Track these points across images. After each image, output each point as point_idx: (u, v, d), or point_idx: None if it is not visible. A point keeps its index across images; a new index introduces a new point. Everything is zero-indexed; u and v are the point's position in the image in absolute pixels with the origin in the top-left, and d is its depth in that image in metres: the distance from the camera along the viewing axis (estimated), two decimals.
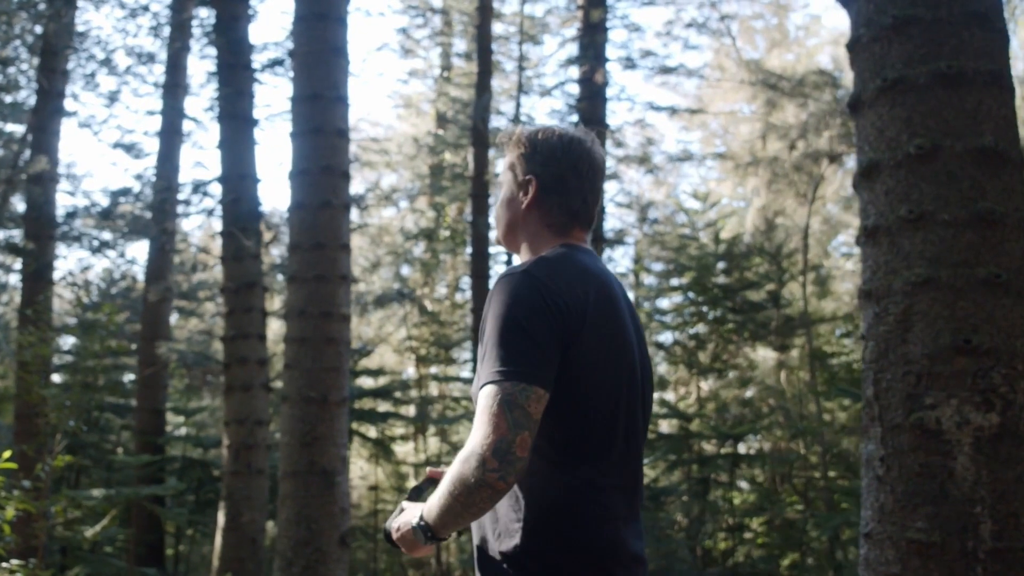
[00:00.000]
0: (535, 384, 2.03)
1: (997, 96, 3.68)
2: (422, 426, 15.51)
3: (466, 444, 2.05)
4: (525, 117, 16.14)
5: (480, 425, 2.02)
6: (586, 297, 2.15)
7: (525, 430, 2.00)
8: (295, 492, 7.25)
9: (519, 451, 1.98)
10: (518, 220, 2.39)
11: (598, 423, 2.16)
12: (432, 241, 16.91)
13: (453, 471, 2.05)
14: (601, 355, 2.17)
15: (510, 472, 1.97)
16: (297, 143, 7.74)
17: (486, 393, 2.04)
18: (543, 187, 2.35)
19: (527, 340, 2.06)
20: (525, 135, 2.40)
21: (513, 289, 2.12)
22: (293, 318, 7.54)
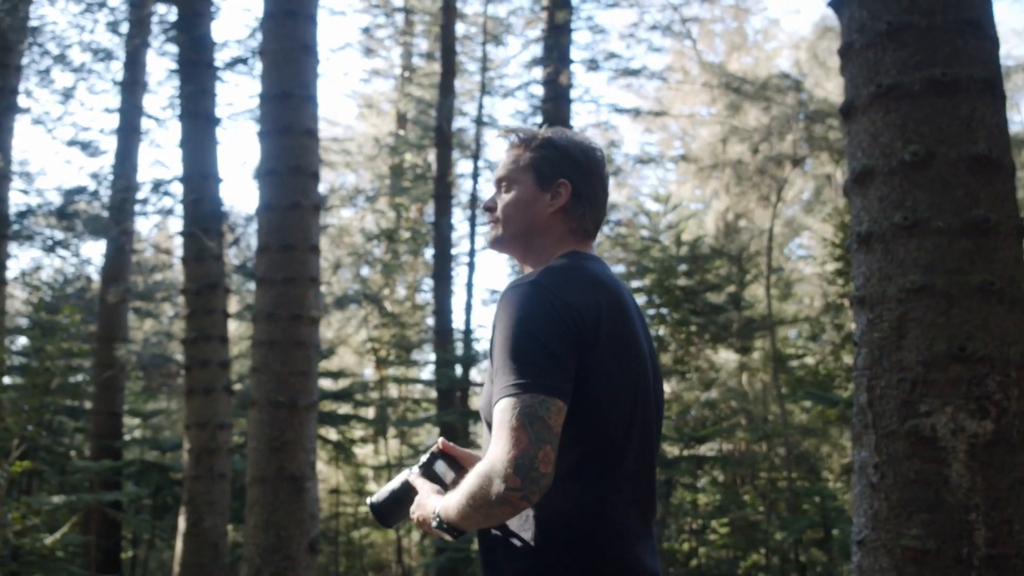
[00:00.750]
0: (554, 396, 1.96)
1: (990, 104, 3.68)
2: (382, 428, 15.38)
3: (485, 458, 1.97)
4: (487, 118, 16.07)
5: (499, 440, 1.94)
6: (599, 307, 2.09)
7: (547, 444, 1.93)
8: (263, 498, 7.12)
9: (542, 466, 1.91)
10: (540, 223, 2.29)
11: (612, 436, 2.10)
12: (393, 242, 16.78)
13: (472, 484, 1.98)
14: (615, 366, 2.10)
15: (534, 491, 1.91)
16: (266, 143, 7.61)
17: (503, 407, 1.96)
18: (577, 193, 2.28)
19: (543, 351, 1.99)
20: (553, 136, 2.33)
21: (524, 300, 2.05)
22: (261, 321, 7.41)
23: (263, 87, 7.71)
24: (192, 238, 10.18)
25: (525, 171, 2.31)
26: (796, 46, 17.65)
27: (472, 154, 15.92)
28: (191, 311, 10.19)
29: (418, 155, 17.15)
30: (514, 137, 2.36)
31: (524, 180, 2.31)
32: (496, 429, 1.96)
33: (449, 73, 14.42)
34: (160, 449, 13.30)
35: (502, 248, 2.37)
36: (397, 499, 2.37)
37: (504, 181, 2.35)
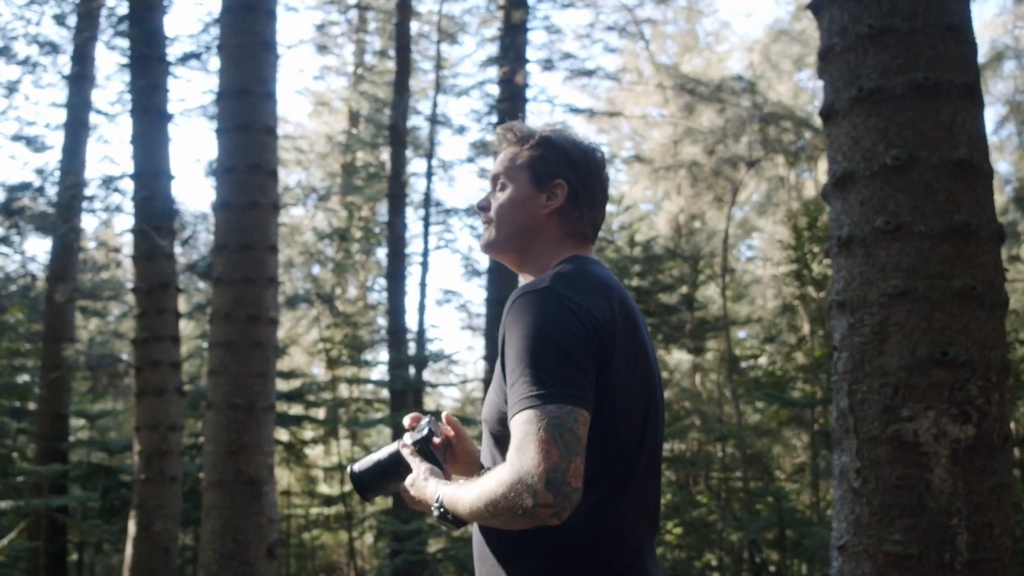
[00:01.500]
0: (580, 407, 1.86)
1: (970, 109, 3.69)
2: (333, 429, 15.21)
3: (506, 467, 1.84)
4: (442, 117, 15.98)
5: (526, 451, 1.81)
6: (612, 314, 2.00)
7: (577, 456, 1.82)
8: (221, 502, 6.97)
9: (574, 480, 1.80)
10: (535, 225, 2.20)
11: (626, 448, 2.01)
12: (345, 241, 16.62)
13: (494, 491, 1.85)
14: (628, 375, 2.02)
15: (566, 507, 1.80)
16: (223, 139, 7.46)
17: (527, 418, 1.84)
18: (573, 194, 2.19)
19: (566, 359, 1.89)
20: (551, 135, 2.23)
21: (540, 307, 1.94)
22: (219, 321, 7.26)
23: (221, 83, 7.55)
24: (143, 236, 9.96)
25: (521, 170, 2.22)
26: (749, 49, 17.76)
27: (426, 153, 15.79)
28: (142, 310, 9.97)
29: (371, 154, 17.00)
30: (511, 134, 2.27)
31: (519, 179, 2.22)
32: (521, 440, 1.84)
33: (404, 71, 14.29)
34: (108, 451, 13.02)
35: (496, 252, 2.27)
36: (383, 471, 2.25)
37: (499, 179, 2.26)
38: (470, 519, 1.96)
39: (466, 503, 1.93)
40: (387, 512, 13.30)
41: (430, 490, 2.07)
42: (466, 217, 16.06)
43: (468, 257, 16.92)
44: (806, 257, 11.72)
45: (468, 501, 1.93)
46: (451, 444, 2.29)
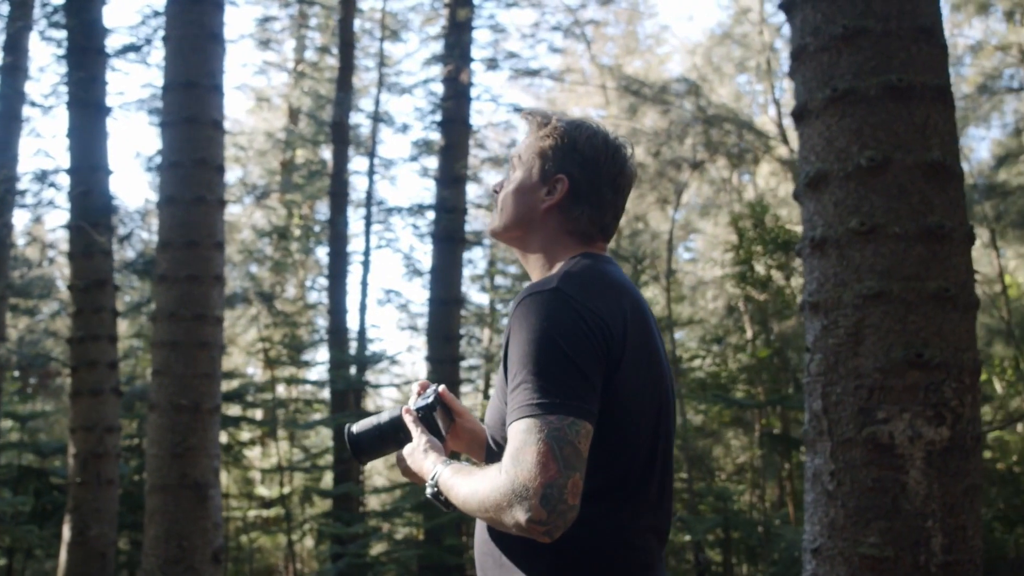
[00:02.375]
0: (583, 418, 1.77)
1: (942, 111, 3.69)
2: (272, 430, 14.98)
3: (501, 474, 1.76)
4: (384, 115, 15.81)
5: (522, 462, 1.73)
6: (624, 317, 1.91)
7: (576, 472, 1.73)
8: (165, 507, 6.78)
9: (570, 498, 1.71)
10: (534, 217, 2.10)
11: (637, 457, 1.93)
12: (284, 240, 16.37)
13: (488, 495, 1.77)
14: (641, 384, 1.94)
15: (559, 525, 1.72)
16: (168, 133, 7.26)
17: (526, 427, 1.75)
18: (574, 192, 2.08)
19: (570, 367, 1.80)
20: (565, 126, 2.11)
21: (547, 309, 1.85)
22: (163, 321, 7.06)
23: (166, 75, 7.35)
24: (79, 232, 9.68)
25: (533, 157, 2.13)
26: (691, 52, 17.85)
27: (368, 151, 15.64)
28: (78, 309, 9.69)
29: (311, 151, 16.77)
30: (532, 118, 2.17)
31: (529, 166, 2.13)
32: (518, 449, 1.75)
33: (347, 68, 14.13)
34: (39, 454, 12.64)
35: (498, 238, 2.19)
36: (382, 435, 2.18)
37: (513, 163, 2.18)
38: (460, 507, 1.88)
39: (459, 494, 1.87)
40: (328, 515, 13.11)
41: (427, 465, 2.00)
42: (408, 216, 15.93)
43: (409, 257, 16.79)
44: (750, 258, 11.80)
45: (462, 493, 1.86)
46: (454, 419, 2.21)
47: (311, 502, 14.42)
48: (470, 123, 14.67)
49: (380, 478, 17.66)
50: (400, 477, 16.55)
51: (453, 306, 14.46)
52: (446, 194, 14.14)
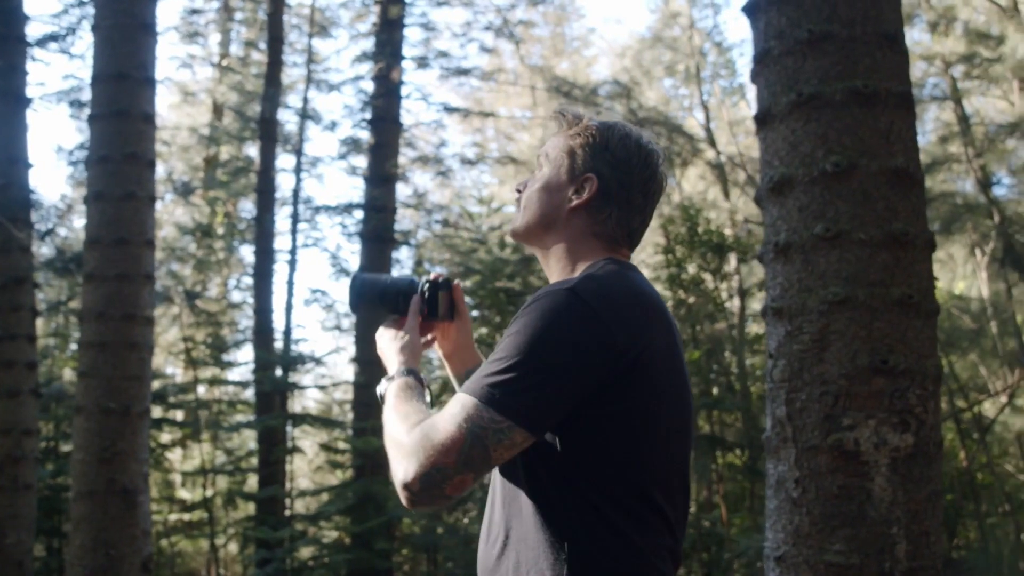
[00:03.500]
0: (524, 427, 1.74)
1: (905, 118, 3.70)
2: (194, 432, 14.63)
3: (415, 432, 1.78)
4: (312, 112, 15.56)
5: (434, 434, 1.75)
6: (642, 331, 1.83)
7: (471, 473, 1.74)
8: (91, 514, 6.52)
9: (449, 490, 1.74)
10: (559, 216, 2.03)
11: (664, 477, 1.87)
12: (208, 237, 16.01)
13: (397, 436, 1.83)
14: (668, 404, 1.88)
15: (424, 504, 1.77)
16: (97, 126, 7.00)
17: (461, 405, 1.76)
18: (604, 192, 2.01)
19: (547, 374, 1.74)
20: (597, 125, 2.05)
21: (554, 309, 1.78)
22: (90, 321, 6.80)
23: (96, 66, 7.08)
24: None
25: (560, 155, 2.06)
26: (621, 55, 17.92)
27: (295, 149, 15.37)
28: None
29: (237, 148, 16.44)
30: (562, 117, 2.11)
31: (557, 165, 2.06)
32: (441, 420, 1.76)
33: (276, 63, 13.86)
34: None
35: (521, 239, 2.13)
36: (383, 291, 2.20)
37: (540, 161, 2.11)
38: (383, 423, 1.94)
39: (387, 416, 1.92)
40: (253, 519, 12.84)
41: (390, 364, 2.08)
42: (335, 215, 15.70)
43: (336, 256, 16.54)
44: (681, 261, 11.85)
45: (388, 418, 1.92)
46: (454, 317, 2.22)
47: (235, 506, 14.12)
48: (400, 121, 14.51)
49: (305, 480, 17.39)
50: (327, 480, 16.33)
51: None
52: (376, 193, 13.97)
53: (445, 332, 2.28)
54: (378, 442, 12.17)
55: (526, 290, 15.53)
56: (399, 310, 2.18)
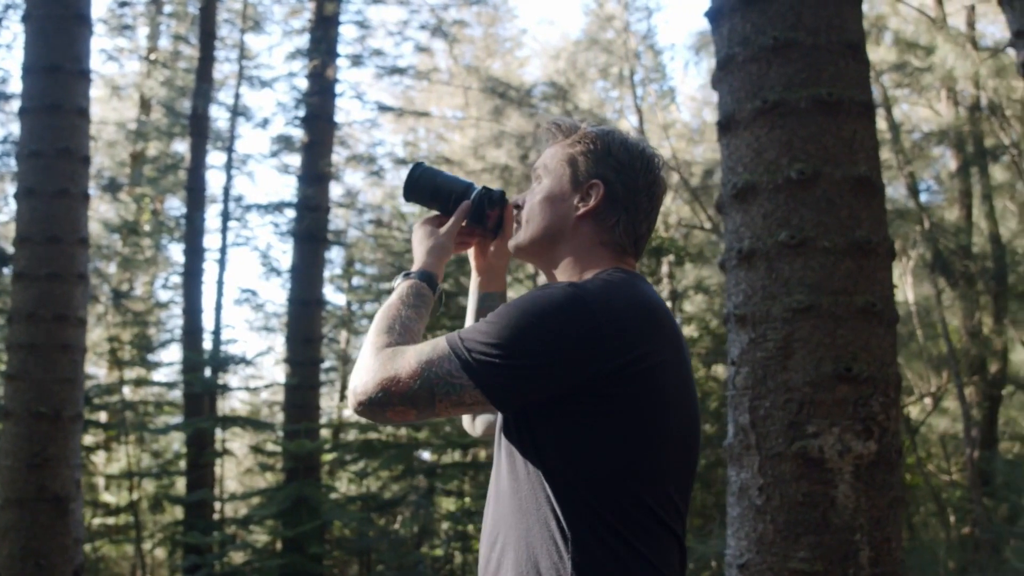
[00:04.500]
0: (481, 389, 1.75)
1: (867, 127, 3.72)
2: (120, 434, 14.27)
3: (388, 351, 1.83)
4: (243, 108, 15.29)
5: (402, 361, 1.79)
6: (642, 338, 1.78)
7: (413, 410, 1.78)
8: (20, 523, 6.28)
9: (391, 414, 1.79)
10: (565, 227, 1.98)
11: (670, 497, 1.83)
12: (135, 235, 15.65)
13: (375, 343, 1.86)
14: (672, 412, 1.83)
15: (366, 417, 1.81)
16: (29, 120, 6.76)
17: (437, 345, 1.79)
18: (611, 198, 1.96)
19: (518, 350, 1.73)
20: (595, 132, 2.01)
21: (551, 297, 1.76)
22: (20, 321, 6.56)
23: (27, 58, 6.84)
24: None
25: (559, 165, 2.01)
26: (555, 56, 17.92)
27: (226, 146, 15.09)
28: None
29: (166, 144, 16.09)
30: (556, 128, 2.05)
31: (556, 175, 2.01)
32: (414, 352, 1.80)
33: (207, 58, 13.58)
34: None
35: (523, 254, 2.06)
36: (437, 188, 2.17)
37: (539, 175, 2.06)
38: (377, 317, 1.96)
39: (380, 317, 1.93)
40: (181, 523, 12.55)
41: (417, 258, 2.09)
42: (267, 214, 15.47)
43: (267, 255, 16.31)
44: None
45: (380, 316, 1.94)
46: (498, 234, 2.20)
47: (162, 510, 13.80)
48: (335, 120, 14.33)
49: (234, 483, 17.10)
50: (256, 483, 16.06)
51: (314, 307, 14.09)
52: (309, 192, 13.77)
53: (483, 246, 2.24)
54: (311, 445, 12.01)
55: (459, 291, 15.48)
56: (447, 210, 2.16)
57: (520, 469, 1.82)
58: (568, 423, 1.77)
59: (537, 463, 1.79)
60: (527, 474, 1.81)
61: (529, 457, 1.80)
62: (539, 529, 1.77)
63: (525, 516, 1.80)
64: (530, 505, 1.79)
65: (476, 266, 2.28)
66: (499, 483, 1.89)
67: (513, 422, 1.84)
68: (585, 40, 16.45)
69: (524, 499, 1.81)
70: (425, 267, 2.07)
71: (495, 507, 1.89)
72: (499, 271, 2.29)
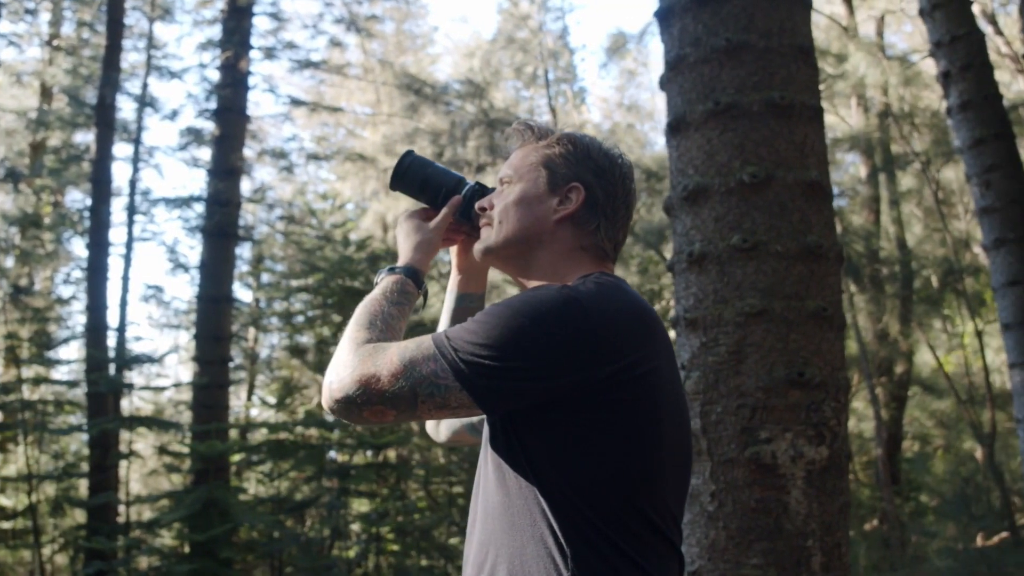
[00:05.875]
0: (468, 390, 1.67)
1: (817, 131, 3.72)
2: (17, 434, 13.72)
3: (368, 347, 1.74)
4: (151, 99, 14.85)
5: (382, 357, 1.70)
6: (638, 344, 1.71)
7: (393, 411, 1.69)
8: None
9: (368, 414, 1.70)
10: (542, 230, 1.91)
11: (668, 508, 1.76)
12: (36, 228, 15.07)
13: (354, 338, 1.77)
14: (668, 420, 1.76)
15: (340, 416, 1.71)
16: None
17: (422, 343, 1.71)
18: (591, 202, 1.90)
19: (510, 356, 1.65)
20: (572, 134, 1.95)
21: (548, 301, 1.68)
22: None
23: None
24: None
25: (534, 167, 1.93)
26: (469, 54, 17.83)
27: (132, 138, 14.63)
28: None
29: (69, 134, 15.54)
30: (528, 130, 1.98)
31: (532, 177, 1.93)
32: (401, 344, 1.72)
33: (115, 46, 13.11)
34: None
35: (494, 258, 1.97)
36: (425, 183, 2.09)
37: (508, 179, 1.97)
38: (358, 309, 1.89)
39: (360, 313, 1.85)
40: (84, 527, 12.11)
41: (402, 253, 2.01)
42: (174, 208, 15.05)
43: (174, 251, 15.88)
44: None
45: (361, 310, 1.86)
46: None
47: (63, 513, 13.31)
48: (247, 113, 14.02)
49: (138, 485, 16.61)
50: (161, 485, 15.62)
51: (223, 304, 13.78)
52: (220, 187, 13.44)
53: (467, 244, 2.14)
54: (222, 446, 11.70)
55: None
56: (435, 204, 2.08)
57: (511, 483, 1.74)
58: (561, 431, 1.70)
59: (529, 475, 1.71)
60: (519, 488, 1.72)
61: (520, 470, 1.72)
62: (534, 546, 1.69)
63: (518, 533, 1.71)
64: (523, 521, 1.71)
65: (457, 264, 2.20)
66: (487, 499, 1.80)
67: (501, 432, 1.76)
68: (501, 38, 16.39)
69: (516, 515, 1.72)
70: (411, 263, 1.99)
71: (483, 525, 1.79)
72: (481, 271, 2.20)
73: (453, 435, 2.23)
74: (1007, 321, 6.84)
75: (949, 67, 7.18)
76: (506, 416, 1.74)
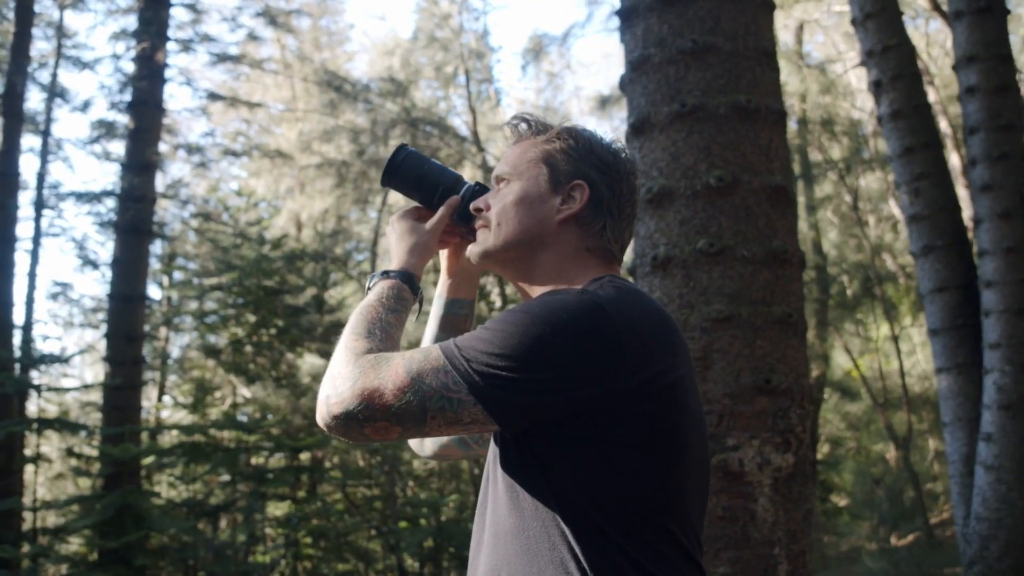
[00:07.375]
0: (483, 404, 1.55)
1: (781, 136, 3.70)
2: None
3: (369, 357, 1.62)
4: (61, 89, 14.34)
5: (386, 369, 1.58)
6: (662, 354, 1.62)
7: (399, 427, 1.57)
8: None
9: (370, 431, 1.58)
10: (545, 231, 1.80)
11: (689, 518, 1.68)
12: None
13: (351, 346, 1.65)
14: (691, 432, 1.68)
15: (338, 434, 1.60)
16: None
17: (430, 353, 1.58)
18: (596, 200, 1.80)
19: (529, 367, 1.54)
20: (573, 128, 1.84)
21: (569, 307, 1.57)
22: None
23: None
24: None
25: (535, 165, 1.82)
26: (389, 52, 17.63)
27: (41, 129, 14.10)
28: None
29: None
30: (524, 125, 1.86)
31: (532, 175, 1.82)
32: (406, 354, 1.60)
33: (24, 33, 12.60)
34: None
35: (492, 262, 1.85)
36: (420, 180, 1.97)
37: (505, 177, 1.85)
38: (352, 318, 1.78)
39: (356, 315, 1.76)
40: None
41: (393, 258, 1.91)
42: (85, 203, 14.55)
43: (84, 247, 15.35)
44: None
45: (355, 318, 1.75)
46: None
47: None
48: (163, 107, 13.62)
49: (43, 490, 16.02)
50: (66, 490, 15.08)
51: (137, 303, 13.36)
52: (135, 182, 13.02)
53: (460, 248, 2.03)
54: (136, 449, 11.34)
55: (288, 288, 15.01)
56: (431, 203, 1.96)
57: (525, 504, 1.63)
58: (583, 447, 1.59)
59: (547, 496, 1.61)
60: (535, 509, 1.62)
61: (536, 490, 1.62)
62: (553, 571, 1.58)
63: (535, 558, 1.61)
64: (542, 545, 1.60)
65: (448, 268, 2.08)
66: (496, 521, 1.68)
67: (515, 449, 1.65)
68: (423, 38, 16.24)
69: (533, 538, 1.61)
70: (406, 267, 1.88)
71: (493, 549, 1.68)
72: (472, 276, 2.09)
73: (440, 449, 2.11)
74: (935, 327, 6.96)
75: (880, 76, 7.29)
76: (521, 431, 1.63)
